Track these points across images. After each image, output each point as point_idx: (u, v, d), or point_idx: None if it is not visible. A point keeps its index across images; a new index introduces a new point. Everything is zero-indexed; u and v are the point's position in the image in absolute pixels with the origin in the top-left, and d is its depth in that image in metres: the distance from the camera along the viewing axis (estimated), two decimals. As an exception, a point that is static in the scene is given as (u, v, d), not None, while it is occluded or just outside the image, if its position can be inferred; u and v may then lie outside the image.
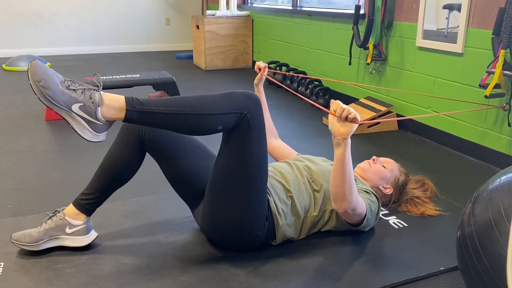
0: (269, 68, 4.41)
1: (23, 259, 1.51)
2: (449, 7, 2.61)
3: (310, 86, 3.78)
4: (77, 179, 2.22)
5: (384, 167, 1.79)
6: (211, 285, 1.39)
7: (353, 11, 3.31)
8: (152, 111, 1.30)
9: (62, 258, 1.52)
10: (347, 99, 3.57)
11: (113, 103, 1.29)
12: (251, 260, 1.51)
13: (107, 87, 3.38)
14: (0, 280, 1.40)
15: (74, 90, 1.28)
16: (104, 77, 3.47)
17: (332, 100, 1.34)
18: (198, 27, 5.47)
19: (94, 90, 1.30)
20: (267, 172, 1.49)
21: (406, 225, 1.76)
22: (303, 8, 4.52)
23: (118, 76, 3.52)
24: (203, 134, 1.39)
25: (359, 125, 1.32)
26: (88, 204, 1.55)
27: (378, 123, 3.00)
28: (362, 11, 3.31)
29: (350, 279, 1.43)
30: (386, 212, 1.85)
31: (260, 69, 1.91)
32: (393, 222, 1.78)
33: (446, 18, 2.63)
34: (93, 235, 1.58)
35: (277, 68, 4.47)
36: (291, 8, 4.72)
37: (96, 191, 1.55)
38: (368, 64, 3.25)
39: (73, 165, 2.41)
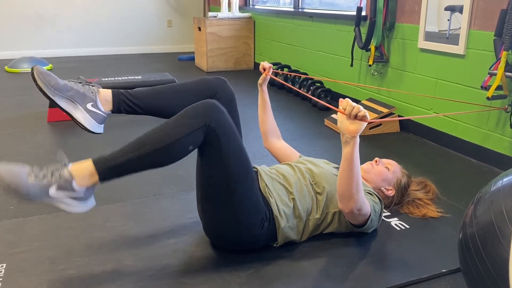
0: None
1: (25, 260, 1.51)
2: (451, 9, 2.61)
3: (312, 87, 3.78)
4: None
5: (388, 168, 1.79)
6: (212, 287, 1.39)
7: (354, 13, 3.31)
8: (120, 163, 1.30)
9: (64, 259, 1.52)
10: (349, 101, 3.56)
11: (83, 172, 1.30)
12: (253, 261, 1.51)
13: (110, 88, 3.38)
14: (2, 281, 1.40)
15: (43, 177, 1.27)
16: (107, 79, 3.47)
17: (340, 99, 1.34)
18: (200, 29, 5.48)
19: (60, 169, 1.29)
20: (252, 170, 1.48)
21: (408, 227, 1.76)
22: (305, 10, 4.53)
23: (120, 78, 3.53)
24: (177, 160, 1.37)
25: (368, 123, 1.32)
26: (126, 103, 1.52)
27: (380, 124, 2.99)
28: (363, 13, 3.31)
29: (352, 281, 1.42)
30: (388, 214, 1.85)
31: (264, 69, 1.92)
32: (395, 224, 1.78)
33: (448, 20, 2.63)
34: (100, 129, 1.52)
35: (279, 70, 4.47)
36: (292, 9, 4.72)
37: (143, 103, 1.53)
38: (370, 65, 3.25)
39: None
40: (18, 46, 6.32)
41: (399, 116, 3.06)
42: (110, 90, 1.51)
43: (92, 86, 1.50)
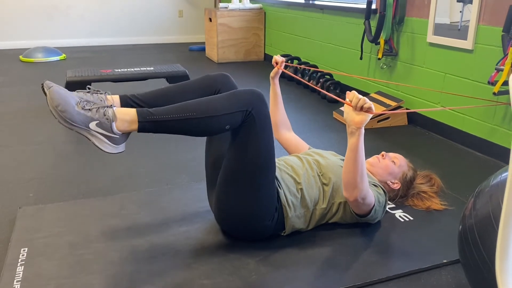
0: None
1: (45, 245, 1.59)
2: (463, 0, 2.61)
3: (321, 80, 3.81)
4: (94, 169, 2.30)
5: (394, 162, 1.84)
6: (222, 273, 1.45)
7: (365, 6, 3.32)
8: (162, 119, 1.38)
9: (82, 244, 1.60)
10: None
11: (126, 117, 1.38)
12: (261, 249, 1.58)
13: (123, 80, 3.45)
14: (24, 264, 1.48)
15: (89, 109, 1.37)
16: (119, 70, 3.54)
17: (348, 92, 1.40)
18: (210, 19, 5.51)
19: (107, 107, 1.39)
20: (275, 163, 1.55)
21: (412, 218, 1.81)
22: (316, 2, 4.54)
23: (132, 69, 3.59)
24: (212, 135, 1.46)
25: (372, 116, 1.38)
26: (133, 107, 1.52)
27: (388, 117, 3.03)
28: (373, 6, 3.32)
29: (356, 270, 1.48)
30: (393, 205, 1.90)
31: (277, 63, 1.96)
32: (400, 216, 1.83)
33: (460, 12, 2.63)
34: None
35: (289, 62, 4.50)
36: (303, 1, 4.73)
37: (150, 105, 1.53)
38: (379, 59, 3.27)
39: (91, 155, 2.48)
40: (33, 36, 6.40)
41: (407, 109, 3.09)
42: (118, 96, 1.56)
43: (100, 93, 1.55)
